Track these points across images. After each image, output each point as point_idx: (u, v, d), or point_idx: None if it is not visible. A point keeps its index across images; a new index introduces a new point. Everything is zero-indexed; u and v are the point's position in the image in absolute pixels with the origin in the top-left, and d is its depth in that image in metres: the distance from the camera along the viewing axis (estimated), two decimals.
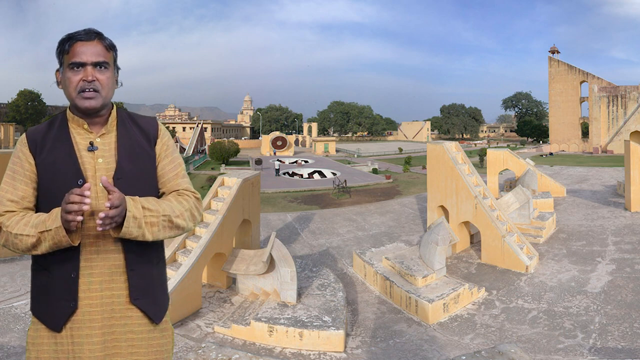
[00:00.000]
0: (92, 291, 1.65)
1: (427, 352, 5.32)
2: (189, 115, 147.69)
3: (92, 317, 1.65)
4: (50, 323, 1.65)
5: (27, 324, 5.62)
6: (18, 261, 8.31)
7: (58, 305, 1.64)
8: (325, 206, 16.08)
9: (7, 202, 1.63)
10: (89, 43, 1.68)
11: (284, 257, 6.27)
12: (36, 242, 1.55)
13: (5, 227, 1.58)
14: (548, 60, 55.28)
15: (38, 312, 1.70)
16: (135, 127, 1.84)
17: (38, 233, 1.54)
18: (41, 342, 1.67)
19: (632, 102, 47.03)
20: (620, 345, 5.23)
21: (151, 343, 1.77)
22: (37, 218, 1.58)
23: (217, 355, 2.94)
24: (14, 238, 1.56)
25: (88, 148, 1.72)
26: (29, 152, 1.68)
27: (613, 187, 17.36)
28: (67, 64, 1.67)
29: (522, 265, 8.07)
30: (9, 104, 70.48)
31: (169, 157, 1.88)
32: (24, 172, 1.67)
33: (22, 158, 1.68)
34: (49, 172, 1.66)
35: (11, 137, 48.71)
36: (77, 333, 1.64)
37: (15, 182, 1.65)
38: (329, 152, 55.70)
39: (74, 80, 1.67)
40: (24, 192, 1.65)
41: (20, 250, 1.59)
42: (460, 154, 9.87)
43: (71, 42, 1.67)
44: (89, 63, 1.67)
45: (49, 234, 1.54)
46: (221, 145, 39.87)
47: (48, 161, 1.67)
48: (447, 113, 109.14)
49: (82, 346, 1.63)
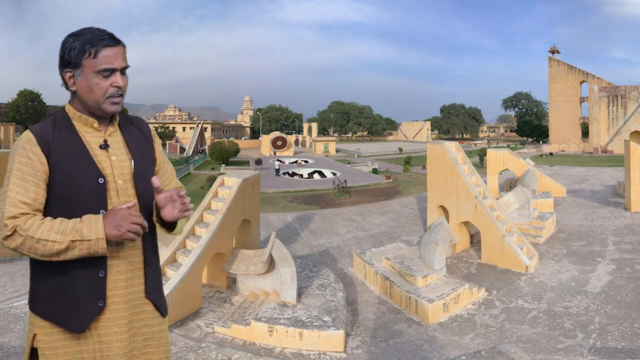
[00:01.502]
0: (118, 288, 1.67)
1: (427, 352, 5.32)
2: (189, 115, 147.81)
3: (120, 315, 1.66)
4: (73, 325, 1.60)
5: (27, 324, 5.60)
6: (18, 261, 8.31)
7: (83, 306, 1.61)
8: (325, 206, 16.08)
9: (20, 204, 1.55)
10: (116, 48, 1.67)
11: (284, 257, 6.27)
12: (64, 249, 1.51)
13: (23, 231, 1.50)
14: (548, 60, 55.29)
15: (53, 315, 1.62)
16: (134, 127, 1.86)
17: (69, 241, 1.50)
18: (59, 345, 1.61)
19: (632, 102, 47.04)
20: (620, 345, 5.23)
21: (162, 335, 1.83)
22: (63, 224, 1.53)
23: (217, 355, 2.94)
24: (35, 243, 1.49)
25: (101, 146, 1.71)
26: (41, 153, 1.61)
27: (613, 187, 17.36)
28: (94, 69, 1.63)
29: (522, 265, 8.07)
30: (9, 104, 70.45)
31: (164, 157, 1.97)
32: (35, 173, 1.59)
33: (33, 159, 1.60)
34: (64, 172, 1.62)
35: (11, 137, 48.68)
36: (105, 332, 1.63)
37: (25, 184, 1.58)
38: (329, 152, 55.70)
39: (104, 86, 1.65)
40: (36, 194, 1.59)
41: (38, 255, 1.51)
42: (460, 154, 9.87)
43: (98, 47, 1.63)
44: (119, 69, 1.67)
45: (86, 243, 1.52)
46: (221, 145, 39.88)
47: (63, 161, 1.63)
48: (447, 113, 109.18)
49: (111, 344, 1.64)
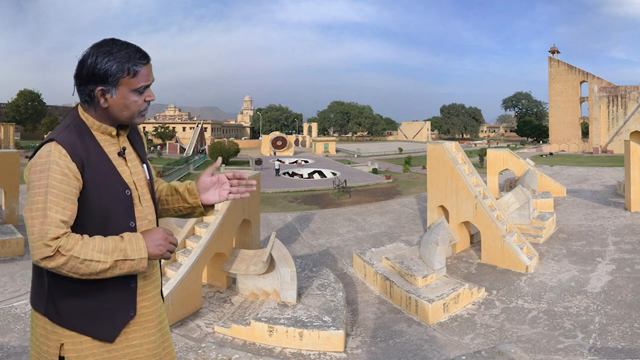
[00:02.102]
0: (148, 298, 1.71)
1: (427, 352, 5.32)
2: (189, 115, 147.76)
3: (148, 318, 1.70)
4: (103, 335, 1.61)
5: (27, 324, 5.60)
6: (18, 261, 8.32)
7: (114, 317, 1.62)
8: (325, 206, 16.08)
9: (62, 224, 1.50)
10: (149, 65, 1.70)
11: (284, 257, 6.27)
12: (108, 268, 1.50)
13: (65, 252, 1.46)
14: (548, 60, 55.30)
15: (81, 327, 1.60)
16: (133, 130, 1.87)
17: (113, 261, 1.50)
18: (87, 353, 1.60)
19: (632, 102, 47.04)
20: (620, 345, 5.23)
21: (171, 335, 1.91)
22: (105, 243, 1.52)
23: (217, 355, 2.94)
24: (80, 263, 1.47)
25: (119, 153, 1.71)
26: (76, 169, 1.55)
27: (613, 187, 17.37)
28: (132, 88, 1.64)
29: (522, 265, 8.07)
30: (9, 104, 70.48)
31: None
32: (71, 190, 1.54)
33: (69, 175, 1.53)
34: (96, 187, 1.60)
35: (11, 137, 48.67)
36: (134, 335, 1.66)
37: (64, 202, 1.52)
38: (329, 152, 55.70)
39: (140, 103, 1.68)
40: (72, 212, 1.54)
41: (78, 274, 1.49)
42: (460, 154, 9.87)
43: (138, 67, 1.64)
44: (150, 84, 1.71)
45: (129, 263, 1.53)
46: (221, 145, 39.91)
47: (94, 176, 1.60)
48: (447, 113, 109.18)
49: (140, 347, 1.67)
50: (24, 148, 43.78)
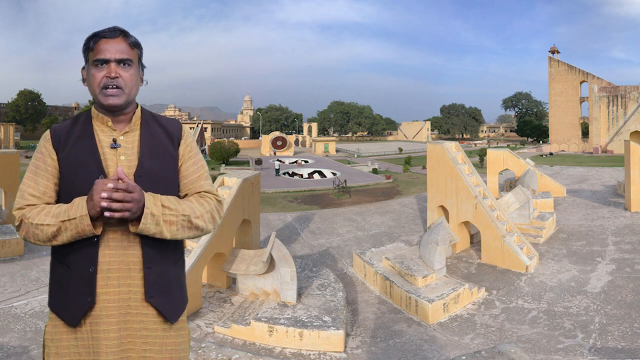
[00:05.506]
0: (109, 287, 1.67)
1: (427, 352, 5.32)
2: (189, 115, 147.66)
3: (109, 313, 1.67)
4: (68, 318, 1.67)
5: (27, 324, 5.62)
6: (18, 261, 8.32)
7: (75, 300, 1.66)
8: (325, 206, 16.07)
9: (29, 197, 1.66)
10: (113, 40, 1.70)
11: (284, 257, 6.27)
12: (57, 232, 1.58)
13: (26, 219, 1.61)
14: (548, 60, 55.31)
15: (56, 307, 1.71)
16: (159, 127, 1.85)
17: (59, 222, 1.57)
18: (61, 337, 1.69)
19: (632, 102, 47.04)
20: (620, 345, 5.23)
21: (166, 342, 1.77)
22: (58, 208, 1.61)
23: (217, 355, 2.94)
24: (35, 229, 1.59)
25: (111, 145, 1.73)
26: (52, 148, 1.71)
27: (613, 187, 17.37)
28: (91, 61, 1.70)
29: (522, 265, 8.07)
30: (9, 104, 70.51)
31: (192, 158, 1.89)
32: (46, 167, 1.69)
33: (44, 153, 1.71)
34: (71, 167, 1.69)
35: (11, 137, 48.69)
36: (96, 328, 1.66)
37: (37, 177, 1.68)
38: (329, 152, 55.69)
39: (97, 77, 1.69)
40: (45, 187, 1.68)
41: (40, 241, 1.61)
42: (460, 154, 9.87)
43: (96, 40, 1.69)
44: (113, 60, 1.69)
45: (72, 222, 1.56)
46: (221, 145, 39.88)
47: (71, 157, 1.69)
48: (447, 113, 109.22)
49: (99, 341, 1.66)
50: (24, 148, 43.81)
